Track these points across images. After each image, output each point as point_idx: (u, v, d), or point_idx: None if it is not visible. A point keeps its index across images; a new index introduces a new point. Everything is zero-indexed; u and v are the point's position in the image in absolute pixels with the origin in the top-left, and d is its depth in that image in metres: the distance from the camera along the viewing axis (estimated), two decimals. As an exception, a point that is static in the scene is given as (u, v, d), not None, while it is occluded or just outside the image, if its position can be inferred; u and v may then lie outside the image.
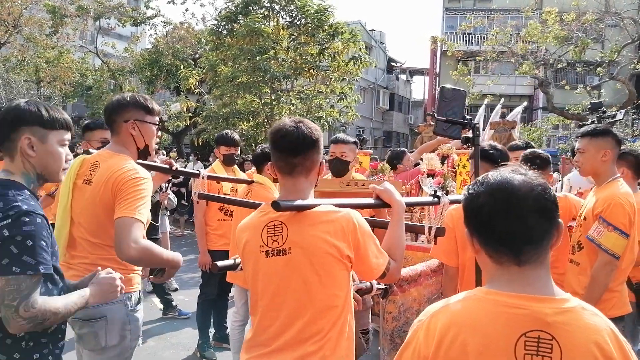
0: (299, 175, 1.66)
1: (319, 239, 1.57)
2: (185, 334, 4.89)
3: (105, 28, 19.38)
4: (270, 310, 1.62)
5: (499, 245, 1.11)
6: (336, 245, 1.57)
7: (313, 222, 1.59)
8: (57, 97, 18.86)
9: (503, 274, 1.12)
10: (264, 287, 1.64)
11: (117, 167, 2.12)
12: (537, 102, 25.36)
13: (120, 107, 2.24)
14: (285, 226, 1.60)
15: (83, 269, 2.14)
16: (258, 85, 10.74)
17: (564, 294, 1.10)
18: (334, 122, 11.90)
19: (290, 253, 1.58)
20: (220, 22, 12.11)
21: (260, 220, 1.66)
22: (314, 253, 1.57)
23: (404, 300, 2.22)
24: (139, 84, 18.61)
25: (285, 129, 1.64)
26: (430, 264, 2.52)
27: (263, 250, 1.61)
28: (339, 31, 11.02)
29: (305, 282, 1.58)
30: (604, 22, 13.89)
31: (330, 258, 1.57)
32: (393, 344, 2.20)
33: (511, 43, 14.97)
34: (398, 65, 35.69)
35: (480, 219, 1.13)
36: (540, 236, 1.10)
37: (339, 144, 3.08)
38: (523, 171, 1.14)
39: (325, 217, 1.60)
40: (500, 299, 1.08)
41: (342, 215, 1.60)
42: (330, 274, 1.59)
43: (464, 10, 26.78)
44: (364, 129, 30.35)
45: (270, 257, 1.60)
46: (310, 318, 1.58)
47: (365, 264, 1.64)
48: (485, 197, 1.12)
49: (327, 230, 1.57)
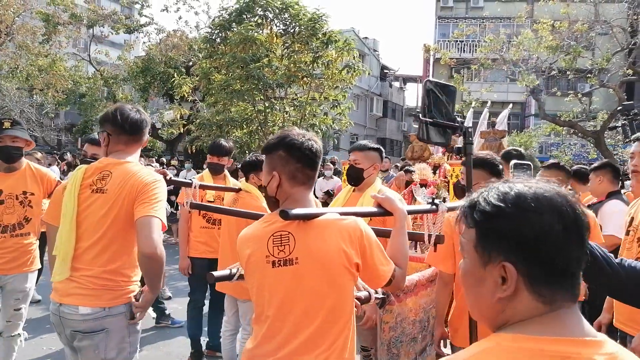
0: (309, 186, 1.71)
1: (327, 247, 1.58)
2: (178, 343, 4.86)
3: (99, 36, 19.37)
4: (276, 320, 1.62)
5: (562, 279, 0.85)
6: (345, 251, 1.58)
7: (320, 231, 1.60)
8: (49, 104, 18.79)
9: (546, 315, 0.85)
10: (270, 297, 1.63)
11: (132, 172, 2.21)
12: (530, 108, 25.57)
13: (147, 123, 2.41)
14: (292, 236, 1.60)
15: (85, 281, 2.12)
16: (252, 93, 10.75)
17: (593, 331, 0.86)
18: (327, 130, 11.92)
19: (298, 263, 1.58)
20: (213, 30, 12.14)
21: (265, 231, 1.66)
22: (323, 262, 1.57)
23: (400, 310, 2.22)
24: (133, 92, 18.58)
25: (309, 141, 1.68)
26: (425, 274, 2.52)
27: (269, 260, 1.61)
28: (333, 39, 11.06)
29: (312, 292, 1.58)
30: (594, 30, 14.05)
31: (339, 267, 1.58)
32: (390, 354, 2.20)
33: (503, 50, 15.09)
34: (391, 73, 35.90)
35: (547, 248, 0.84)
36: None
37: (353, 150, 2.95)
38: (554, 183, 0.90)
39: (332, 225, 1.61)
40: (538, 347, 0.80)
41: (349, 223, 1.62)
42: (338, 283, 1.59)
43: (456, 18, 27.02)
44: (358, 136, 30.43)
45: (277, 268, 1.60)
46: (317, 328, 1.58)
47: (372, 271, 1.65)
48: (551, 217, 0.84)
49: (335, 238, 1.58)
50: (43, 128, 21.39)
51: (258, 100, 11.23)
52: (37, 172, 3.46)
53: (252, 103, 11.23)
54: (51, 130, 22.60)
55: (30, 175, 3.42)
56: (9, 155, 3.27)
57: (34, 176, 3.43)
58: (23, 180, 3.38)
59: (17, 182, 3.35)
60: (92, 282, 2.10)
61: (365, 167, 2.86)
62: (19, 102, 18.31)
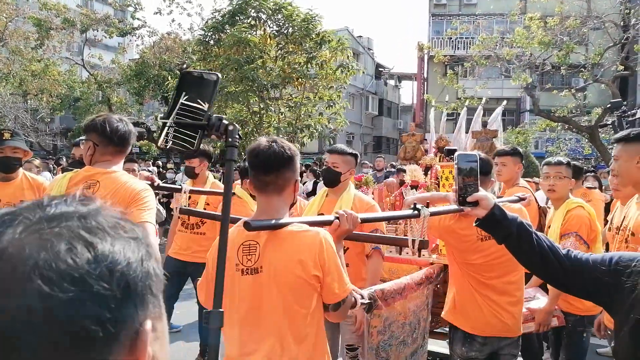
0: (271, 193, 1.69)
1: (287, 258, 1.60)
2: (176, 347, 4.85)
3: (92, 39, 19.34)
4: (246, 325, 1.66)
5: None
6: (303, 262, 1.59)
7: (283, 242, 1.63)
8: (44, 109, 18.74)
9: None
10: (239, 303, 1.66)
11: (122, 181, 2.25)
12: (525, 104, 25.60)
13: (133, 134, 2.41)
14: (259, 245, 1.63)
15: None
16: (246, 95, 10.76)
17: None
18: (323, 130, 11.94)
19: (262, 271, 1.62)
20: (207, 32, 12.12)
21: (238, 238, 1.68)
22: (281, 273, 1.60)
23: (388, 314, 2.24)
24: (127, 95, 18.57)
25: (259, 148, 1.68)
26: (415, 277, 2.54)
27: (239, 268, 1.64)
28: (326, 39, 11.08)
29: (273, 300, 1.61)
30: (587, 25, 14.08)
31: (296, 278, 1.60)
32: (379, 357, 2.22)
33: (497, 47, 15.11)
34: (386, 71, 35.89)
35: None
36: None
37: (332, 154, 2.95)
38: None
39: (294, 236, 1.64)
40: None
41: (311, 234, 1.63)
42: (297, 293, 1.61)
43: (449, 16, 27.04)
44: (354, 134, 30.45)
45: (244, 275, 1.64)
46: (281, 336, 1.61)
47: (325, 286, 1.63)
48: None
49: (295, 250, 1.61)
50: (38, 133, 21.35)
51: (253, 102, 11.23)
52: (33, 182, 3.54)
53: (246, 105, 11.23)
54: (46, 135, 22.57)
55: (27, 185, 3.50)
56: (10, 165, 3.36)
57: (30, 185, 3.51)
58: (21, 189, 3.45)
59: (15, 192, 3.42)
60: None
61: (343, 172, 2.90)
62: (13, 108, 18.27)
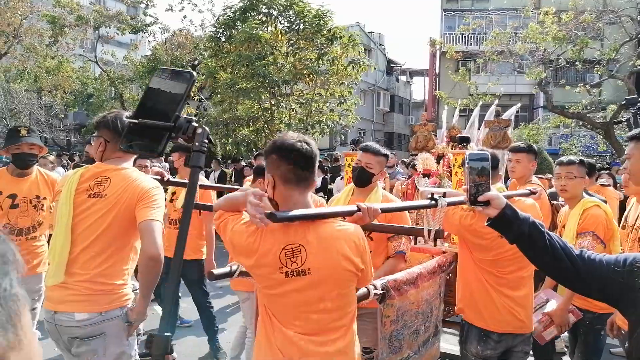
0: (304, 188, 1.74)
1: (338, 257, 1.66)
2: (187, 342, 4.85)
3: (105, 36, 19.50)
4: (299, 324, 1.70)
5: None
6: (353, 260, 1.68)
7: (328, 241, 1.67)
8: (58, 106, 18.96)
9: None
10: (284, 305, 1.70)
11: (132, 178, 2.25)
12: (538, 100, 25.33)
13: None
14: (303, 248, 1.66)
15: (80, 288, 2.14)
16: (257, 91, 10.78)
17: None
18: (334, 126, 11.92)
19: (310, 273, 1.65)
20: (218, 28, 12.17)
21: (277, 245, 1.69)
22: (331, 272, 1.66)
23: (401, 304, 2.23)
24: (139, 92, 18.71)
25: (298, 144, 1.71)
26: (427, 266, 2.53)
27: (282, 271, 1.66)
28: (338, 35, 11.05)
29: (323, 300, 1.66)
30: (602, 20, 13.85)
31: (348, 274, 1.68)
32: (392, 347, 2.21)
33: (510, 43, 14.95)
34: (398, 67, 35.74)
35: None
36: None
37: (367, 153, 2.79)
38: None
39: (340, 234, 1.70)
40: None
41: (354, 232, 1.73)
42: (344, 285, 1.70)
43: (462, 11, 26.82)
44: (365, 131, 30.37)
45: (289, 278, 1.66)
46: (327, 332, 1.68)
47: (367, 275, 1.79)
48: None
49: (344, 247, 1.68)
50: (52, 129, 21.63)
51: (264, 98, 11.25)
52: (47, 178, 3.61)
53: (258, 101, 11.26)
54: (60, 131, 22.85)
55: (42, 181, 3.57)
56: (26, 161, 3.43)
57: (45, 181, 3.58)
58: (36, 185, 3.52)
59: (31, 187, 3.50)
60: (87, 288, 2.12)
61: (376, 172, 2.79)
62: (27, 104, 18.53)
